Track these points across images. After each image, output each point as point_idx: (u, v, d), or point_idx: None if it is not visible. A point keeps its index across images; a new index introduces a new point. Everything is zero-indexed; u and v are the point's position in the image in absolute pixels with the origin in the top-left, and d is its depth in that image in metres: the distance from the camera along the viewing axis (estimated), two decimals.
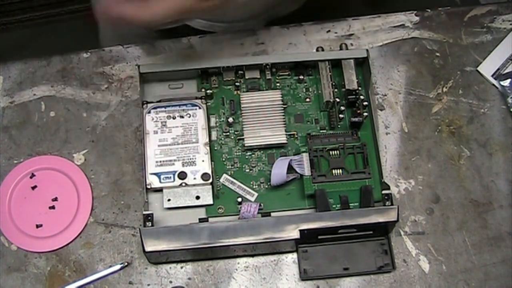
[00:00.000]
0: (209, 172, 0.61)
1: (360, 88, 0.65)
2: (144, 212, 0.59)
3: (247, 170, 0.63)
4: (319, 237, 0.59)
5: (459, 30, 0.71)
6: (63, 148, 0.65)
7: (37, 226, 0.62)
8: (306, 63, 0.66)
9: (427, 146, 0.66)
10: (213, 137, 0.64)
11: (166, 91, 0.66)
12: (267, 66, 0.65)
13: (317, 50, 0.68)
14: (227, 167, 0.63)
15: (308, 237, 0.58)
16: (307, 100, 0.66)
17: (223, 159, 0.63)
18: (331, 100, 0.64)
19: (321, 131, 0.64)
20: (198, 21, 0.76)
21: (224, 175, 0.63)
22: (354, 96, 0.64)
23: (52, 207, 0.63)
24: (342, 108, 0.64)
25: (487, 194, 0.64)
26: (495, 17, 0.71)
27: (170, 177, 0.61)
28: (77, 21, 1.40)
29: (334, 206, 0.61)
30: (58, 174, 0.64)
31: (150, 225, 0.58)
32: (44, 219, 0.62)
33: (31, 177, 0.64)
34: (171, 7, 0.50)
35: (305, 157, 0.61)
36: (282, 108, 0.64)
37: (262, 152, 0.64)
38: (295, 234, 0.57)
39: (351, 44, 0.70)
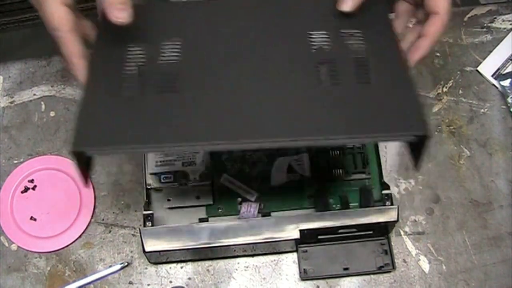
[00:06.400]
0: (209, 172, 0.61)
1: None
2: (144, 212, 0.59)
3: (247, 170, 0.63)
4: (319, 237, 0.58)
5: (459, 30, 0.71)
6: (63, 148, 0.65)
7: (39, 226, 0.62)
8: None
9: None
10: None
11: None
12: None
13: None
14: (227, 167, 0.63)
15: (308, 237, 0.58)
16: None
17: (223, 159, 0.63)
18: None
19: None
20: None
21: (224, 175, 0.63)
22: None
23: (54, 207, 0.63)
24: None
25: (487, 194, 0.63)
26: (495, 17, 0.71)
27: (170, 177, 0.61)
28: None
29: (334, 206, 0.61)
30: (59, 174, 0.64)
31: (150, 225, 0.58)
32: (46, 219, 0.62)
33: (31, 180, 0.64)
34: None
35: (305, 157, 0.61)
36: None
37: (262, 152, 0.64)
38: (295, 234, 0.57)
39: None
